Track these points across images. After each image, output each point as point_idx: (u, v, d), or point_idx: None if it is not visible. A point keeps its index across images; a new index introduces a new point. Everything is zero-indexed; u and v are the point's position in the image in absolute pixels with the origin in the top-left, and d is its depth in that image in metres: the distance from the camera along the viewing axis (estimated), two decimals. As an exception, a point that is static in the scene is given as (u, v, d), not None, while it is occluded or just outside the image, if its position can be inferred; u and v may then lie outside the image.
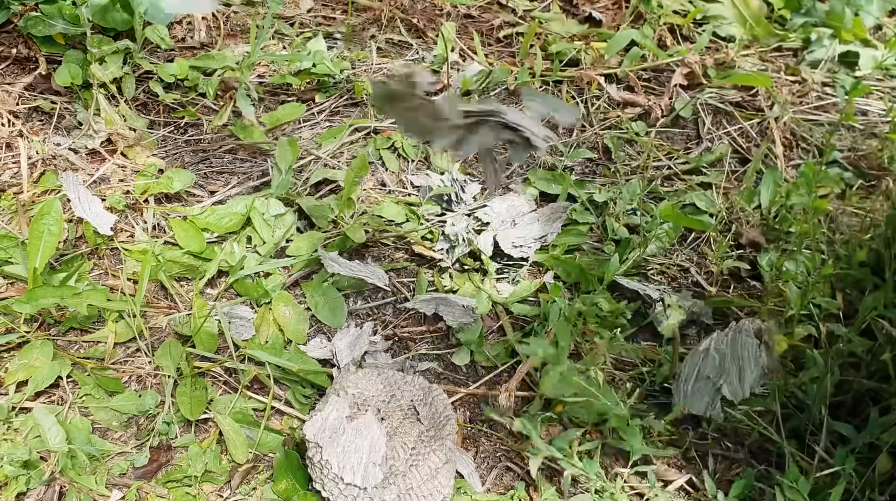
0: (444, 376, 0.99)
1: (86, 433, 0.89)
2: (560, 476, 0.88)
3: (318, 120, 1.34)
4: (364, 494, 0.78)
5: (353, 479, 0.77)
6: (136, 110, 1.31)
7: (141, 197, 1.14)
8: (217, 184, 1.21)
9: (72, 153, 1.21)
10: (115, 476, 0.86)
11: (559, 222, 1.15)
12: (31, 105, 1.29)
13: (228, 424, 0.90)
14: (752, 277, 1.13)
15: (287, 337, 1.00)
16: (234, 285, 1.05)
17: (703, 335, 1.05)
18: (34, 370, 0.93)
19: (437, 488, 0.80)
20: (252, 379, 0.95)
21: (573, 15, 1.61)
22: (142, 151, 1.23)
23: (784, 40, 1.56)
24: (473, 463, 0.90)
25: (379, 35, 1.52)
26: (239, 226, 1.11)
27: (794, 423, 0.88)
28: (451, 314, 1.03)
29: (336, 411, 0.82)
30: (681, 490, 0.88)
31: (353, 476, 0.77)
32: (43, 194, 1.15)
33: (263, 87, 1.38)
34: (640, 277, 1.11)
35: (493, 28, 1.56)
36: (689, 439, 0.93)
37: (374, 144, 1.28)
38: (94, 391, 0.93)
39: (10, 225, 1.09)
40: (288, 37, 1.48)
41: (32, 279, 0.98)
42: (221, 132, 1.29)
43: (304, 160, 1.25)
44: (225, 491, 0.86)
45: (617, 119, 1.37)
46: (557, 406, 0.92)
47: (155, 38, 1.38)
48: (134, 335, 0.98)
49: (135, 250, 1.08)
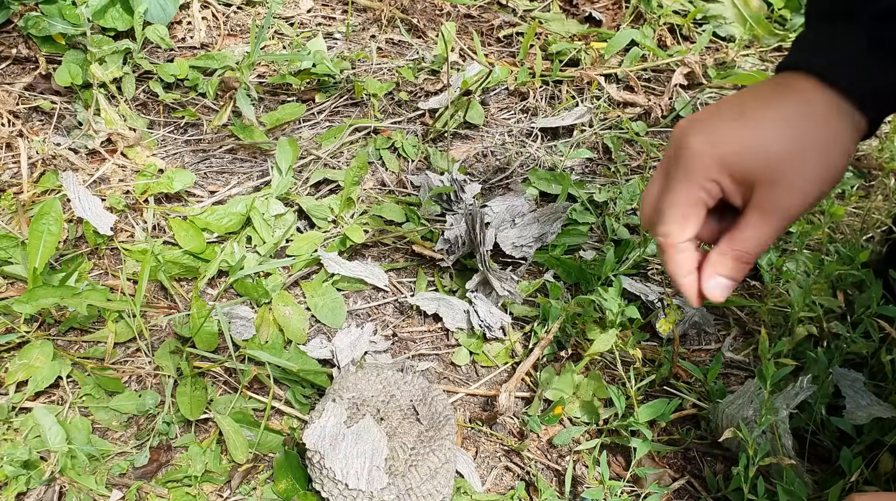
0: (444, 376, 0.99)
1: (86, 433, 0.89)
2: (560, 476, 0.88)
3: (318, 120, 1.34)
4: (363, 495, 0.77)
5: (358, 484, 0.77)
6: (136, 110, 1.31)
7: (141, 197, 1.14)
8: (217, 184, 1.21)
9: (72, 153, 1.21)
10: (115, 476, 0.86)
11: (559, 222, 1.15)
12: (31, 105, 1.29)
13: (228, 424, 0.89)
14: (753, 277, 1.13)
15: (287, 337, 1.00)
16: (234, 285, 1.05)
17: (703, 336, 1.05)
18: (34, 370, 0.93)
19: (437, 488, 0.79)
20: (252, 379, 0.95)
21: (573, 15, 1.61)
22: (142, 151, 1.23)
23: (784, 40, 1.56)
24: (473, 463, 0.90)
25: (379, 35, 1.52)
26: (239, 226, 1.11)
27: (795, 423, 0.88)
28: (452, 318, 1.03)
29: (334, 417, 0.82)
30: (681, 490, 0.88)
31: (356, 482, 0.77)
32: (43, 193, 1.15)
33: (263, 87, 1.38)
34: (640, 277, 1.11)
35: (493, 28, 1.56)
36: (689, 439, 0.93)
37: (374, 144, 1.28)
38: (94, 391, 0.93)
39: (9, 225, 1.09)
40: (288, 37, 1.48)
41: (32, 279, 0.98)
42: (221, 132, 1.29)
43: (304, 160, 1.25)
44: (225, 491, 0.86)
45: (617, 119, 1.37)
46: (557, 408, 0.92)
47: (155, 37, 1.38)
48: (134, 335, 0.98)
49: (135, 250, 1.08)
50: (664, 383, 0.98)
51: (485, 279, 1.05)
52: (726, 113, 0.61)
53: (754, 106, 0.60)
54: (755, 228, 0.60)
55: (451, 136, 1.32)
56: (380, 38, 1.51)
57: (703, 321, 1.05)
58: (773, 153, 0.58)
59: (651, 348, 1.02)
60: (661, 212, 0.63)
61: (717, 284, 0.63)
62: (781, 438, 0.83)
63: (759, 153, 0.58)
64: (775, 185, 0.59)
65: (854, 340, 0.92)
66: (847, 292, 1.04)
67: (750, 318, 1.07)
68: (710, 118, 0.61)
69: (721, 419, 0.89)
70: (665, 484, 0.88)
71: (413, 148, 1.28)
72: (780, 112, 0.59)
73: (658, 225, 0.64)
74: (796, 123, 0.59)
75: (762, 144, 0.58)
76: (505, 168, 1.28)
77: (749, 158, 0.59)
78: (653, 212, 0.64)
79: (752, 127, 0.59)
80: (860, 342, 0.92)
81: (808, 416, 0.89)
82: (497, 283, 1.02)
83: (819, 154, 0.59)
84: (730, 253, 0.61)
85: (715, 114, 0.61)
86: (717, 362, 0.94)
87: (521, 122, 1.37)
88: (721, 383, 0.96)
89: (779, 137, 0.58)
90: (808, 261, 1.07)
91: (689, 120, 0.62)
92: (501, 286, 1.02)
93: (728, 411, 0.88)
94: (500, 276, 1.05)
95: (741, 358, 1.02)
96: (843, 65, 0.59)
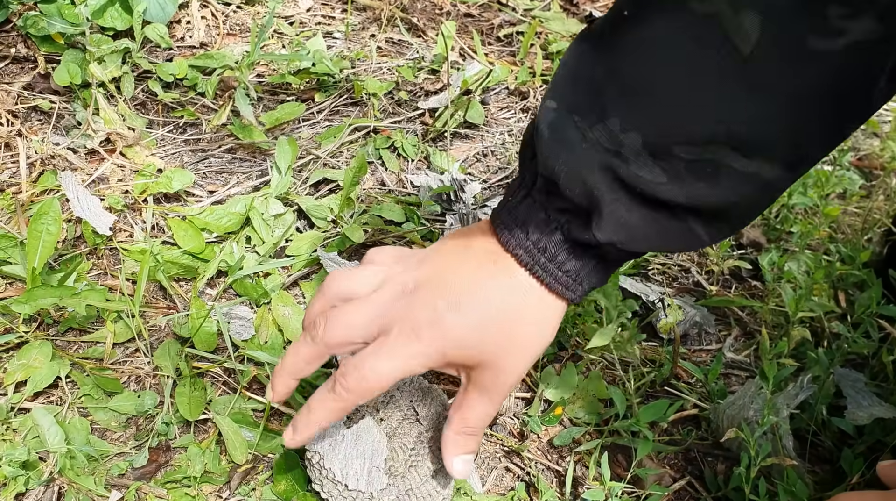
0: (444, 376, 0.99)
1: (85, 433, 0.88)
2: (560, 477, 0.88)
3: (317, 119, 1.33)
4: (363, 496, 0.77)
5: (358, 485, 0.77)
6: (135, 110, 1.31)
7: (140, 197, 1.14)
8: (216, 184, 1.21)
9: (70, 153, 1.20)
10: (114, 476, 0.85)
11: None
12: (30, 104, 1.29)
13: (227, 424, 0.89)
14: (754, 277, 1.13)
15: (287, 337, 1.00)
16: (233, 285, 1.05)
17: (704, 336, 1.05)
18: (33, 370, 0.92)
19: (437, 489, 0.79)
20: (251, 380, 0.95)
21: (574, 14, 1.61)
22: (141, 151, 1.23)
23: (785, 40, 1.56)
24: (473, 464, 0.89)
25: (379, 34, 1.52)
26: (238, 226, 1.11)
27: (796, 423, 0.88)
28: None
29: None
30: (681, 490, 0.88)
31: (356, 483, 0.77)
32: (42, 193, 1.15)
33: (263, 86, 1.38)
34: (641, 277, 1.11)
35: (493, 27, 1.56)
36: (690, 439, 0.93)
37: (374, 144, 1.28)
38: (93, 391, 0.92)
39: (8, 225, 1.09)
40: (287, 36, 1.48)
41: (31, 279, 0.98)
42: (220, 132, 1.29)
43: (304, 160, 1.25)
44: (224, 492, 0.86)
45: (617, 119, 1.36)
46: (557, 408, 0.92)
47: (154, 37, 1.37)
48: (133, 336, 0.98)
49: (133, 250, 1.07)
50: (665, 383, 0.98)
51: None
52: (441, 303, 0.63)
53: (465, 290, 0.63)
54: (481, 405, 0.66)
55: (451, 135, 1.31)
56: (379, 38, 1.51)
57: (705, 321, 1.05)
58: (490, 343, 0.63)
59: (652, 348, 1.02)
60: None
61: (463, 461, 0.69)
62: (782, 438, 0.83)
63: (477, 346, 0.63)
64: (494, 368, 0.64)
65: (855, 340, 0.92)
66: (848, 293, 1.03)
67: (751, 318, 1.07)
68: (434, 305, 0.63)
69: (722, 421, 0.89)
70: (666, 485, 0.88)
71: (413, 148, 1.28)
72: (491, 298, 0.62)
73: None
74: (509, 306, 0.62)
75: (478, 338, 0.62)
76: (505, 168, 1.28)
77: (468, 349, 0.63)
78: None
79: (467, 317, 0.62)
80: (861, 342, 0.92)
81: (809, 416, 0.89)
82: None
83: (532, 334, 0.64)
84: (464, 431, 0.67)
85: (431, 304, 0.63)
86: (717, 362, 0.94)
87: (522, 121, 1.37)
88: (722, 383, 0.96)
89: (494, 329, 0.62)
90: (809, 261, 1.07)
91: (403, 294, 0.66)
92: None
93: (729, 412, 0.88)
94: None
95: (742, 358, 1.02)
96: (537, 252, 0.62)
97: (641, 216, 0.58)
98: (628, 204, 0.57)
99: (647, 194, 0.56)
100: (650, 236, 0.59)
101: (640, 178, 0.56)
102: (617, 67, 0.55)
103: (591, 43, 0.58)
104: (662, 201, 0.56)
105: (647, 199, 0.57)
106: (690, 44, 0.52)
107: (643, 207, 0.57)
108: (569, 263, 0.62)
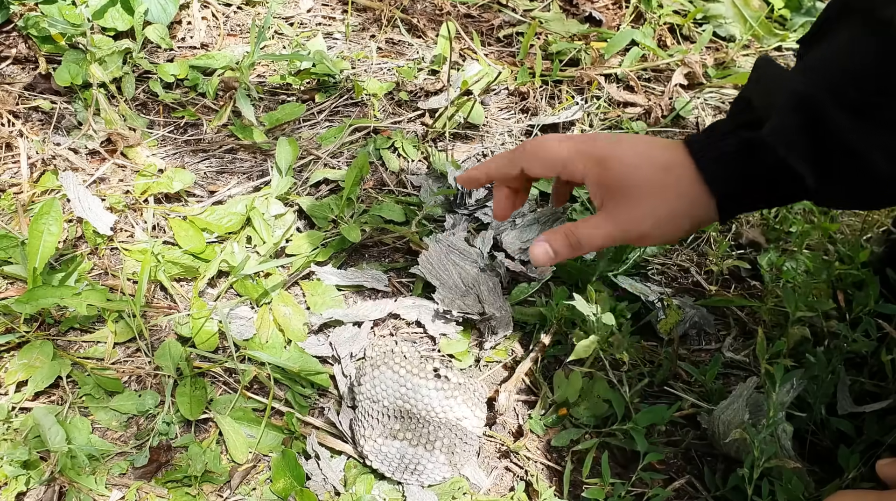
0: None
1: (86, 433, 0.89)
2: (560, 477, 0.88)
3: (318, 120, 1.34)
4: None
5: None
6: (136, 110, 1.31)
7: (141, 197, 1.14)
8: (217, 184, 1.21)
9: (71, 153, 1.21)
10: (114, 476, 0.86)
11: (559, 222, 1.15)
12: (31, 105, 1.29)
13: (228, 424, 0.90)
14: (753, 277, 1.13)
15: (287, 337, 1.00)
16: (234, 285, 1.05)
17: (703, 336, 1.05)
18: (34, 370, 0.93)
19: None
20: (252, 379, 0.95)
21: (573, 15, 1.61)
22: (141, 151, 1.23)
23: (784, 40, 1.56)
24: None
25: (379, 35, 1.52)
26: (239, 226, 1.11)
27: (795, 423, 0.88)
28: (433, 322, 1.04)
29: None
30: (681, 490, 0.88)
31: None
32: (43, 193, 1.15)
33: (263, 87, 1.38)
34: (640, 277, 1.11)
35: (493, 28, 1.56)
36: (689, 439, 0.93)
37: (374, 144, 1.28)
38: (94, 391, 0.93)
39: (9, 225, 1.09)
40: (287, 36, 1.48)
41: (32, 279, 0.98)
42: (221, 132, 1.29)
43: (304, 160, 1.25)
44: (225, 491, 0.86)
45: (617, 119, 1.37)
46: (561, 409, 0.92)
47: (155, 37, 1.38)
48: (134, 335, 0.98)
49: (134, 250, 1.08)
50: (664, 383, 0.98)
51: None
52: (602, 136, 0.70)
53: (636, 141, 0.69)
54: (595, 226, 0.68)
55: (452, 136, 1.32)
56: (380, 38, 1.51)
57: (704, 321, 1.05)
58: (638, 175, 0.67)
59: (651, 348, 1.02)
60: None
61: (544, 250, 0.70)
62: (780, 439, 0.83)
63: (626, 168, 0.67)
64: (628, 201, 0.67)
65: (854, 339, 0.92)
66: (847, 292, 1.03)
67: (750, 318, 1.07)
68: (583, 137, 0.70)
69: (717, 426, 0.89)
70: (665, 485, 0.88)
71: (413, 148, 1.28)
72: (654, 156, 0.67)
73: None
74: (663, 158, 0.67)
75: (632, 162, 0.67)
76: (505, 168, 1.28)
77: (616, 166, 0.67)
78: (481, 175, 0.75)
79: (627, 148, 0.68)
80: (860, 342, 0.92)
81: (809, 416, 0.89)
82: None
83: (673, 204, 0.67)
84: (564, 231, 0.69)
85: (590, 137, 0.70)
86: (715, 362, 0.94)
87: (521, 122, 1.37)
88: (720, 383, 0.96)
89: (646, 169, 0.67)
90: (808, 261, 1.07)
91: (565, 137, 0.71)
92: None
93: (724, 416, 0.88)
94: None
95: (741, 358, 1.02)
96: (714, 161, 0.66)
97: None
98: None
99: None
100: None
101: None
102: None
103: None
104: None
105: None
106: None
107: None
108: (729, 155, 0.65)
